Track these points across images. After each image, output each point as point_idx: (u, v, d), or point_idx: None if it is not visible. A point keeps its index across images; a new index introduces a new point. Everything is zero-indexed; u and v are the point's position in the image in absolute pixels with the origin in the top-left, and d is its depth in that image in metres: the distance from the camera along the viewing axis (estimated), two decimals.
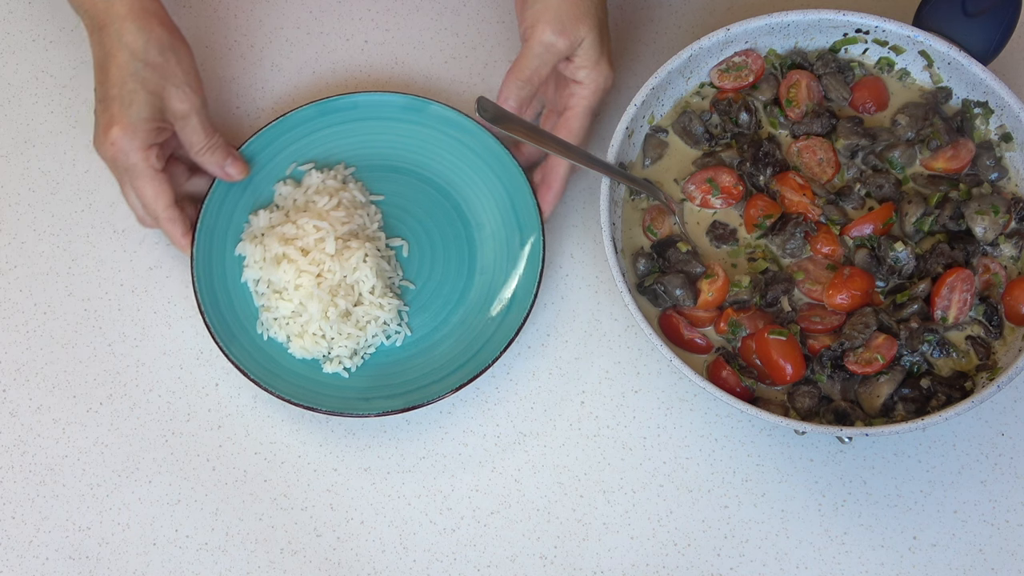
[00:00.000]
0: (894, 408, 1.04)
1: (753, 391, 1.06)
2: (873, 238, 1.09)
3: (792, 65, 1.15)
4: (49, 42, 1.26)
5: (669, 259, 1.10)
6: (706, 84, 1.16)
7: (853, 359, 1.05)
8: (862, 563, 1.08)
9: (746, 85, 1.14)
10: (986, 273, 1.08)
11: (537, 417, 1.13)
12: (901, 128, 1.13)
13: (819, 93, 1.14)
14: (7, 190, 1.21)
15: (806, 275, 1.09)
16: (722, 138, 1.14)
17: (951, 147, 1.11)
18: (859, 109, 1.15)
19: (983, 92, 1.11)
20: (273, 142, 1.17)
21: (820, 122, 1.13)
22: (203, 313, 1.10)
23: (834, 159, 1.12)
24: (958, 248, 1.08)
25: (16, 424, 1.13)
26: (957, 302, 1.06)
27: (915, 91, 1.15)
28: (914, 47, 1.12)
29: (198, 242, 1.13)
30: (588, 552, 1.09)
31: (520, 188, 1.14)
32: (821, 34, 1.14)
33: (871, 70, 1.15)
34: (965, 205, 1.09)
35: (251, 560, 1.09)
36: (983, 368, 1.05)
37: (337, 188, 1.16)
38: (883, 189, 1.11)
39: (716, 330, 1.08)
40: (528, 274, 1.13)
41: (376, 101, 1.18)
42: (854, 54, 1.15)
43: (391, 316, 1.13)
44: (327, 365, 1.12)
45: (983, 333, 1.07)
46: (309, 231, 1.12)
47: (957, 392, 1.04)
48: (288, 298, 1.11)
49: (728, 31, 1.11)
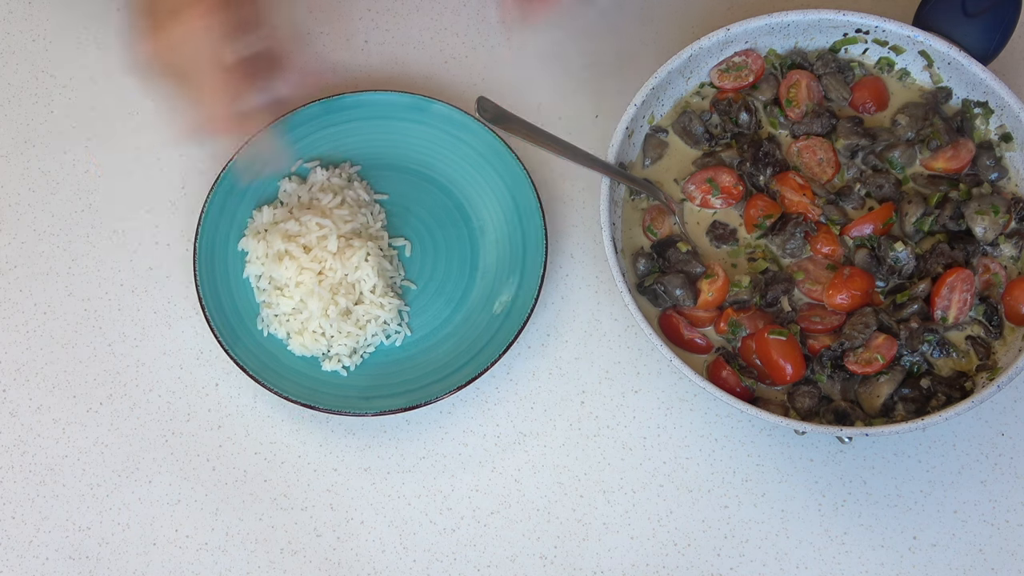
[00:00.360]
0: (894, 408, 1.04)
1: (753, 391, 1.06)
2: (873, 238, 1.09)
3: (792, 65, 1.15)
4: (49, 42, 1.26)
5: (669, 259, 1.10)
6: (706, 84, 1.16)
7: (853, 359, 1.05)
8: (862, 563, 1.08)
9: (746, 85, 1.14)
10: (986, 273, 1.07)
11: (537, 417, 1.13)
12: (901, 128, 1.12)
13: (819, 93, 1.14)
14: (7, 190, 1.21)
15: (806, 275, 1.09)
16: (722, 138, 1.14)
17: (951, 147, 1.11)
18: (859, 109, 1.15)
19: (983, 92, 1.11)
20: (279, 139, 1.17)
21: (820, 122, 1.13)
22: (204, 308, 1.11)
23: (834, 159, 1.12)
24: (958, 248, 1.08)
25: (16, 424, 1.13)
26: (957, 302, 1.06)
27: (915, 91, 1.15)
28: (914, 47, 1.12)
29: (201, 236, 1.13)
30: (588, 552, 1.09)
31: (523, 189, 1.14)
32: (821, 34, 1.14)
33: (871, 70, 1.15)
34: (965, 205, 1.09)
35: (251, 560, 1.09)
36: (983, 368, 1.05)
37: (341, 186, 1.16)
38: (883, 189, 1.11)
39: (716, 330, 1.08)
40: (529, 276, 1.13)
41: (381, 100, 1.18)
42: (854, 54, 1.15)
43: (391, 316, 1.13)
44: (326, 363, 1.12)
45: (983, 333, 1.07)
46: (312, 228, 1.12)
47: (957, 392, 1.03)
48: (289, 295, 1.11)
49: (728, 31, 1.11)
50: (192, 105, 0.99)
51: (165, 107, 1.00)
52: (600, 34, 1.24)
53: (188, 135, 1.00)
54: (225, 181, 1.15)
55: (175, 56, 0.97)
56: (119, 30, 1.27)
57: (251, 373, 1.09)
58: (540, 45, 1.23)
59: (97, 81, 1.25)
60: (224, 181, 1.15)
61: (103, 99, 1.24)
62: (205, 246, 1.13)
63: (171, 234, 1.19)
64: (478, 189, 1.17)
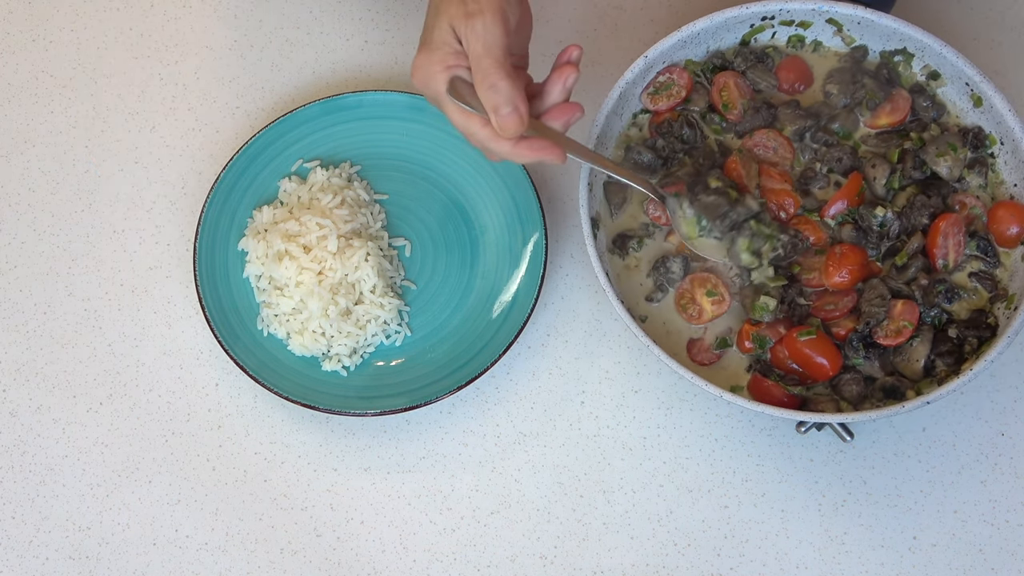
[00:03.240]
0: (934, 367, 1.06)
1: (802, 396, 1.06)
2: (852, 211, 1.10)
3: (714, 68, 1.15)
4: (49, 42, 1.26)
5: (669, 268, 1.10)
6: (638, 113, 1.16)
7: (882, 333, 1.06)
8: (862, 563, 1.08)
9: (680, 102, 1.15)
10: (964, 209, 1.10)
11: (537, 417, 1.13)
12: (834, 97, 1.14)
13: (748, 88, 1.15)
14: (7, 190, 1.21)
15: (802, 267, 1.09)
16: (673, 158, 1.14)
17: (888, 101, 1.13)
18: (790, 91, 1.16)
19: (899, 40, 1.13)
20: (279, 138, 1.17)
21: (760, 115, 1.13)
22: (204, 307, 1.11)
23: (786, 143, 1.13)
24: (933, 194, 1.10)
25: (16, 424, 1.13)
26: (953, 246, 1.08)
27: (832, 58, 1.16)
28: (820, 17, 1.14)
29: (201, 236, 1.13)
30: (588, 552, 1.09)
31: (524, 189, 1.14)
32: (729, 32, 1.15)
33: (786, 51, 1.16)
34: (923, 151, 1.10)
35: (251, 560, 1.09)
36: (996, 299, 1.07)
37: (341, 186, 1.16)
38: (842, 161, 1.12)
39: (741, 349, 1.08)
40: (530, 276, 1.13)
41: (382, 100, 1.18)
42: (764, 41, 1.16)
43: (391, 316, 1.13)
44: (326, 363, 1.12)
45: (983, 266, 1.09)
46: (312, 228, 1.12)
47: (985, 331, 1.05)
48: (289, 295, 1.11)
49: (646, 58, 1.11)
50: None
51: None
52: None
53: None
54: (225, 181, 1.15)
55: None
56: (119, 30, 1.27)
57: (251, 373, 1.09)
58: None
59: (97, 81, 1.25)
60: (224, 181, 1.15)
61: (103, 99, 1.24)
62: (205, 246, 1.13)
63: (171, 234, 1.19)
64: (478, 189, 1.17)
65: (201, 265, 1.12)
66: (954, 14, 1.25)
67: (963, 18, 1.25)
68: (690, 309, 1.09)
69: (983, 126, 1.11)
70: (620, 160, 1.14)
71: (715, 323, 1.09)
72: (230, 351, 1.10)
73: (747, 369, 1.08)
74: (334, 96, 1.18)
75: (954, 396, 1.12)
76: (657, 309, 1.10)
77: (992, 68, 1.22)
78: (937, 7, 1.25)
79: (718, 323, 1.09)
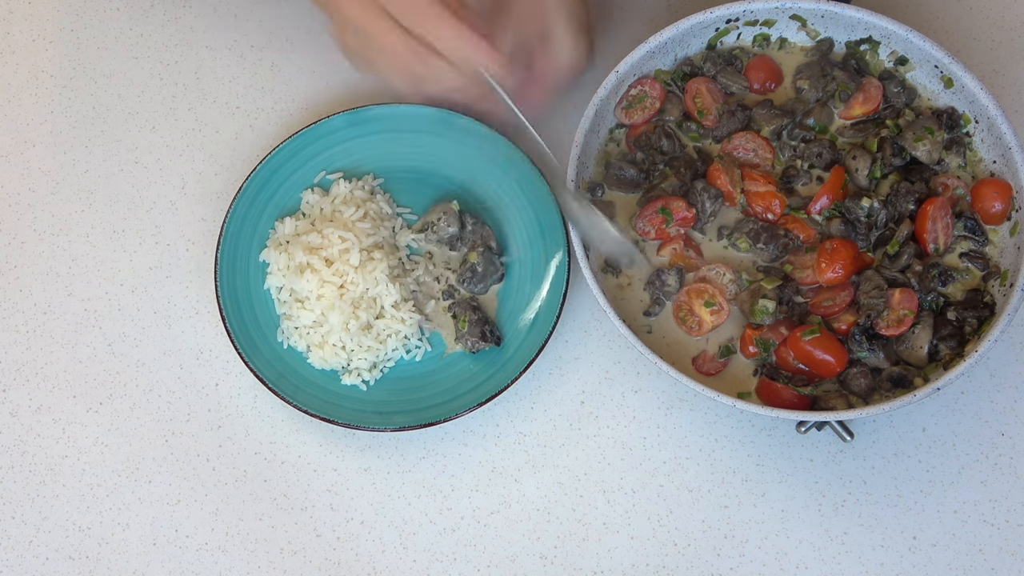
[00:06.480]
0: (938, 353, 1.06)
1: (812, 396, 1.06)
2: (838, 204, 1.10)
3: (684, 76, 1.16)
4: (49, 42, 1.26)
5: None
6: (614, 128, 1.16)
7: (884, 324, 1.06)
8: (862, 563, 1.08)
9: (655, 113, 1.15)
10: (947, 191, 1.10)
11: (537, 417, 1.13)
12: (806, 92, 1.15)
13: (721, 92, 1.15)
14: (7, 190, 1.21)
15: (794, 266, 1.09)
16: (655, 170, 1.14)
17: (860, 91, 1.14)
18: (762, 91, 1.16)
19: (864, 29, 1.14)
20: (303, 149, 1.16)
21: (736, 119, 1.14)
22: (224, 319, 1.10)
23: (765, 143, 1.14)
24: (916, 180, 1.10)
25: (16, 424, 1.13)
26: (943, 229, 1.09)
27: (799, 53, 1.17)
28: (784, 14, 1.15)
29: (223, 246, 1.12)
30: (588, 552, 1.09)
31: (548, 207, 1.13)
32: (695, 38, 1.15)
33: (752, 50, 1.17)
34: (901, 138, 1.11)
35: (251, 560, 1.09)
36: (989, 277, 1.08)
37: (364, 199, 1.15)
38: (822, 156, 1.12)
39: (745, 355, 1.08)
40: (552, 295, 1.12)
41: (407, 113, 1.17)
42: (730, 43, 1.17)
43: (412, 331, 1.12)
44: (346, 377, 1.11)
45: (973, 246, 1.10)
46: (334, 241, 1.11)
47: (983, 310, 1.06)
48: (310, 308, 1.11)
49: (617, 73, 1.12)
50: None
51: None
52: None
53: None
54: (247, 191, 1.14)
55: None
56: (119, 30, 1.27)
57: (269, 384, 1.08)
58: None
59: (97, 81, 1.25)
60: (246, 191, 1.14)
61: (103, 99, 1.24)
62: (227, 256, 1.12)
63: (171, 234, 1.19)
64: (501, 205, 1.16)
65: (222, 276, 1.12)
66: (954, 14, 1.25)
67: (963, 18, 1.25)
68: (689, 321, 1.09)
69: (956, 106, 1.12)
70: (602, 176, 1.14)
71: (716, 332, 1.09)
72: (250, 363, 1.09)
73: (753, 373, 1.08)
74: (359, 108, 1.17)
75: (954, 396, 1.12)
76: (657, 322, 1.10)
77: (992, 68, 1.22)
78: (936, 7, 1.25)
79: (719, 332, 1.09)
